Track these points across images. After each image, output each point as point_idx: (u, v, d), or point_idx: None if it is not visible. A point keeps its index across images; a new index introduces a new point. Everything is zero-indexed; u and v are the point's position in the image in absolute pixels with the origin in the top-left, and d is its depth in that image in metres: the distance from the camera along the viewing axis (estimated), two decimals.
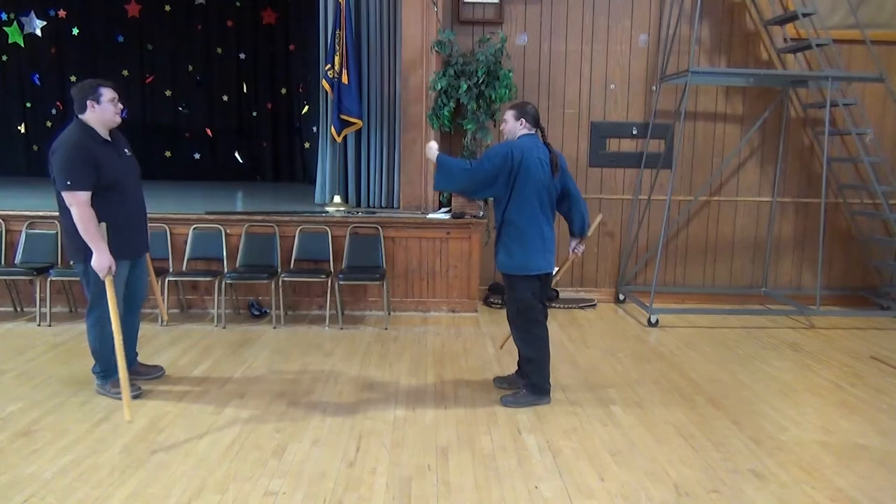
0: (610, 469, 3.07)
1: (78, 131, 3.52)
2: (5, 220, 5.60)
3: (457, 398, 3.91)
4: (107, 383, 3.79)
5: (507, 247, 3.68)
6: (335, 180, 6.54)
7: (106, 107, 3.54)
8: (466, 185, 3.73)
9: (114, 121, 3.60)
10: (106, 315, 3.57)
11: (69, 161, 3.41)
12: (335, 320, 5.50)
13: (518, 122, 3.72)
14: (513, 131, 3.74)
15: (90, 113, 3.53)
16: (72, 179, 3.40)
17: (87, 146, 3.48)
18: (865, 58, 6.20)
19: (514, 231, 3.66)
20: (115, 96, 3.58)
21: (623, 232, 6.64)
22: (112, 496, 2.73)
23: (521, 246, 3.65)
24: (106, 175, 3.51)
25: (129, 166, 3.77)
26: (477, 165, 3.65)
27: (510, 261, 3.68)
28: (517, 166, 3.57)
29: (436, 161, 3.69)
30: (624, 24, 6.42)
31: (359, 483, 2.88)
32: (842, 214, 6.66)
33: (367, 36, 6.37)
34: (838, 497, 2.87)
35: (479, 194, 3.80)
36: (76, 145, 3.46)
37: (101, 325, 3.65)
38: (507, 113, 3.76)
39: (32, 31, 11.17)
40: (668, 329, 5.61)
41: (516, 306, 3.77)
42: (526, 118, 3.72)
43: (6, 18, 11.13)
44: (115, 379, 3.73)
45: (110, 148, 3.62)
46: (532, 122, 3.73)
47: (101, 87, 3.54)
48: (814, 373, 4.56)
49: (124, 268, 3.75)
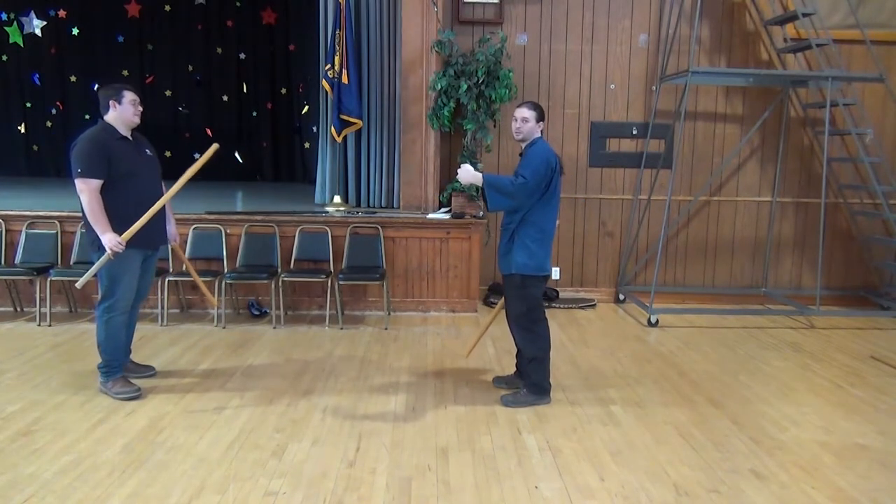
0: (610, 469, 3.07)
1: (97, 128, 3.77)
2: (5, 220, 5.60)
3: (457, 398, 3.91)
4: (108, 381, 3.80)
5: (528, 248, 3.66)
6: (335, 180, 6.54)
7: (126, 107, 3.76)
8: (523, 200, 3.61)
9: (133, 121, 3.81)
10: (115, 307, 3.75)
11: (83, 151, 3.64)
12: (335, 320, 5.50)
13: (538, 125, 3.74)
14: (532, 132, 3.73)
15: (112, 112, 3.75)
16: (83, 167, 3.62)
17: (102, 140, 3.70)
18: (865, 58, 6.20)
19: (537, 232, 3.67)
20: (137, 99, 3.83)
21: (623, 232, 6.64)
22: (112, 496, 2.73)
23: (542, 246, 3.69)
24: (118, 167, 3.70)
25: (148, 163, 3.95)
26: (531, 178, 3.57)
27: (531, 261, 3.67)
28: (553, 172, 3.63)
29: (483, 182, 3.62)
30: (624, 24, 6.42)
31: (359, 483, 2.88)
32: (842, 214, 6.66)
33: (367, 36, 6.37)
34: (838, 497, 2.87)
35: (524, 208, 3.67)
36: (91, 138, 3.69)
37: (109, 316, 3.76)
38: (528, 113, 3.70)
39: (32, 31, 11.17)
40: (668, 329, 5.61)
41: (525, 305, 3.76)
42: (543, 121, 3.76)
43: (6, 18, 11.13)
44: (118, 377, 3.81)
45: (128, 144, 3.82)
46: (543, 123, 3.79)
47: (125, 90, 3.80)
48: (814, 373, 4.56)
49: (137, 258, 3.82)
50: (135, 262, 3.81)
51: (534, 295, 3.76)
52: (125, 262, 3.73)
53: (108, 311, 3.76)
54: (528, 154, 3.70)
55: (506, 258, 3.75)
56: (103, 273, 3.73)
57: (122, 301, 3.79)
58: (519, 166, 3.71)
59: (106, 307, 3.76)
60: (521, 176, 3.57)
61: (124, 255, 3.67)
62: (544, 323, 3.81)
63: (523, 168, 3.63)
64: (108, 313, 3.76)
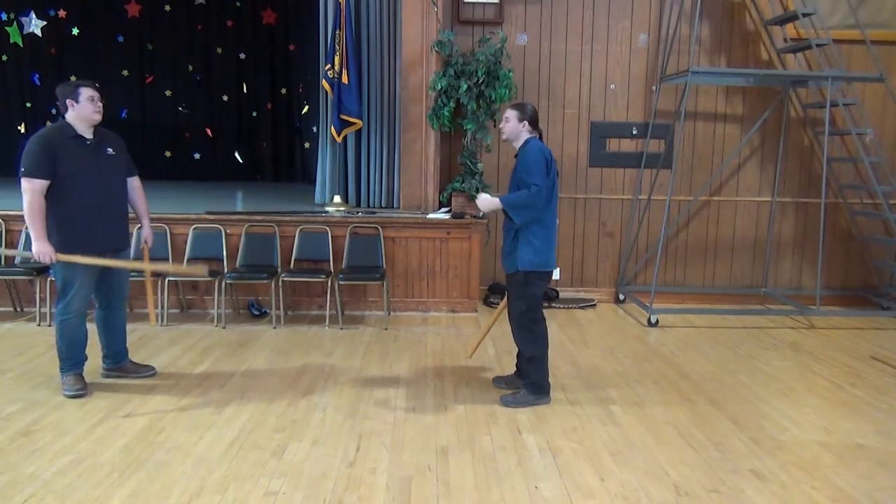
0: (610, 469, 3.07)
1: (50, 127, 3.74)
2: (5, 220, 5.60)
3: (457, 398, 3.91)
4: (62, 375, 3.84)
5: (532, 244, 3.69)
6: (335, 180, 6.53)
7: (84, 105, 3.68)
8: (539, 203, 3.66)
9: (93, 118, 3.72)
10: (68, 309, 3.76)
11: (29, 151, 3.62)
12: (335, 320, 5.50)
13: (521, 125, 3.74)
14: (515, 131, 3.75)
15: (71, 111, 3.69)
16: (26, 167, 3.60)
17: (50, 138, 3.66)
18: (865, 58, 6.19)
19: (540, 228, 3.69)
20: (95, 95, 3.72)
21: (623, 232, 6.64)
22: (112, 496, 2.73)
23: (546, 242, 3.72)
24: (63, 166, 3.64)
25: (108, 163, 3.83)
26: (540, 181, 3.61)
27: (536, 257, 3.70)
28: (551, 168, 3.66)
29: (504, 206, 3.67)
30: (624, 24, 6.42)
31: (359, 483, 2.88)
32: (842, 214, 6.66)
33: (367, 36, 6.37)
34: (838, 497, 2.87)
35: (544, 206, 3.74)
36: (39, 137, 3.66)
37: (63, 318, 3.79)
38: (509, 112, 3.76)
39: (32, 31, 11.16)
40: (668, 329, 5.61)
41: (526, 304, 3.78)
42: (528, 120, 3.74)
43: (6, 18, 11.12)
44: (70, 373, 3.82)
45: (82, 144, 3.72)
46: (533, 124, 3.76)
47: (81, 86, 3.70)
48: (814, 373, 4.56)
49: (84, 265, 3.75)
50: (83, 268, 3.74)
51: (535, 294, 3.77)
52: (72, 267, 3.71)
53: (63, 312, 3.79)
54: (523, 157, 3.71)
55: (510, 257, 3.77)
56: (58, 274, 3.77)
57: (75, 303, 3.78)
58: (518, 171, 3.73)
59: (61, 308, 3.79)
60: (533, 185, 3.60)
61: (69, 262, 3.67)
62: (542, 322, 3.83)
63: (526, 174, 3.64)
64: (63, 315, 3.79)
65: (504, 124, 3.78)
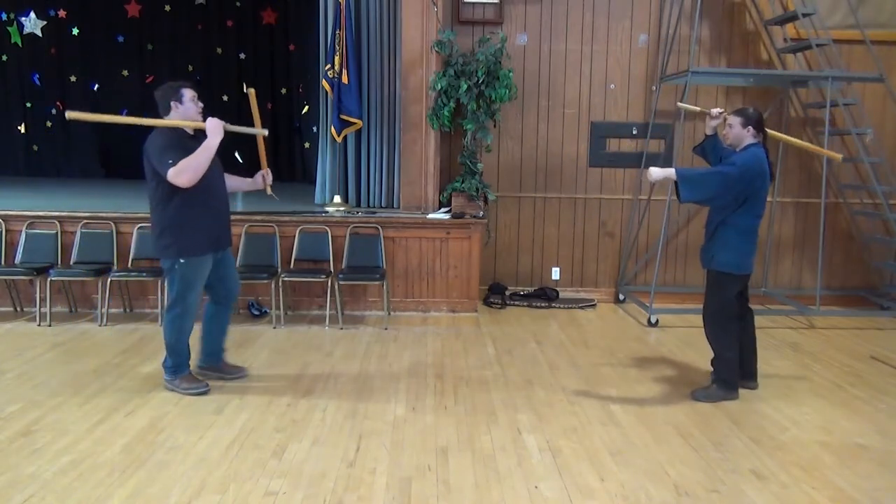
0: (610, 469, 3.07)
1: (162, 128, 3.72)
2: (5, 220, 5.60)
3: (457, 398, 3.91)
4: (176, 378, 3.86)
5: (734, 246, 3.81)
6: (335, 180, 6.53)
7: (188, 105, 3.73)
8: (717, 190, 3.70)
9: (196, 118, 3.76)
10: (187, 312, 3.78)
11: (165, 145, 3.60)
12: (335, 320, 5.50)
13: (745, 130, 3.80)
14: (739, 137, 3.82)
15: (174, 113, 3.72)
16: (172, 158, 3.55)
17: (179, 134, 3.70)
18: (865, 58, 6.19)
19: (740, 232, 3.80)
20: (196, 94, 3.78)
21: (623, 232, 6.64)
22: (112, 496, 2.73)
23: (749, 245, 3.84)
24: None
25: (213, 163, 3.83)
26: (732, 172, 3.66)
27: (736, 259, 3.84)
28: (760, 179, 3.71)
29: (677, 177, 3.71)
30: (624, 24, 6.42)
31: (359, 483, 2.88)
32: (842, 214, 6.66)
33: (367, 36, 6.36)
34: (838, 497, 2.87)
35: (719, 200, 3.79)
36: (168, 133, 3.67)
37: (182, 320, 3.80)
38: (732, 118, 3.82)
39: (32, 31, 11.16)
40: (668, 329, 5.61)
41: (718, 303, 3.92)
42: (752, 125, 3.79)
43: (6, 18, 11.12)
44: (186, 374, 3.87)
45: (197, 143, 3.73)
46: (757, 128, 3.80)
47: (183, 87, 3.73)
48: (814, 373, 4.56)
49: (207, 263, 3.83)
50: (206, 267, 3.82)
51: (729, 295, 3.91)
52: (198, 267, 3.76)
53: (180, 317, 3.79)
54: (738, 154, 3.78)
55: (706, 253, 3.96)
56: (176, 279, 3.74)
57: (194, 306, 3.83)
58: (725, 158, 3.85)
59: (177, 314, 3.79)
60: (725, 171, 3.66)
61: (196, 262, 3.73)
62: (735, 322, 3.97)
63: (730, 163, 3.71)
64: (179, 318, 3.80)
65: (728, 130, 3.84)
